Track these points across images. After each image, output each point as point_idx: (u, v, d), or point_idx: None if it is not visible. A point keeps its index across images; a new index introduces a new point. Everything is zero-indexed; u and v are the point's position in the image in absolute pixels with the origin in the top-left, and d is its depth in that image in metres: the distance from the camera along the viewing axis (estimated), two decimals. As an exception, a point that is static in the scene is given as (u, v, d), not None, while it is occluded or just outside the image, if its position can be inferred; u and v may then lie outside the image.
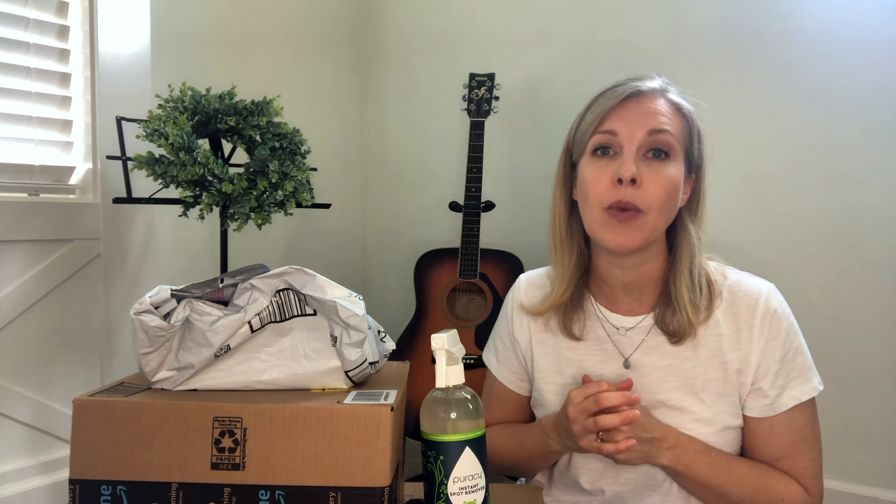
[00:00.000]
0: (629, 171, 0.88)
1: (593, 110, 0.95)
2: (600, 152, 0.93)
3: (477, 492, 0.70)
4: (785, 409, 0.92)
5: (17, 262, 1.33)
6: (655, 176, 0.89)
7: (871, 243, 1.47)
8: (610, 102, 0.92)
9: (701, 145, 0.97)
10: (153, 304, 0.74)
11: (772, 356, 0.92)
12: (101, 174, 1.44)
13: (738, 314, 0.94)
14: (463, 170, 1.76)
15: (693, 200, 0.98)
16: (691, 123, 0.95)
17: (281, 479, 0.68)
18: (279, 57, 1.93)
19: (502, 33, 1.99)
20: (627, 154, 0.90)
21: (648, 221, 0.90)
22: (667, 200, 0.90)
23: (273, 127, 1.30)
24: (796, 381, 0.92)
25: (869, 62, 1.46)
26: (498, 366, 1.11)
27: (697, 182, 0.98)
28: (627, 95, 0.92)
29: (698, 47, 1.65)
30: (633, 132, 0.90)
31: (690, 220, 0.97)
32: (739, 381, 0.93)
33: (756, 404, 0.93)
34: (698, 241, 0.96)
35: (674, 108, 0.94)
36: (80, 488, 0.70)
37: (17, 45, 1.35)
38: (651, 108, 0.91)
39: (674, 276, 0.95)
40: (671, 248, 0.98)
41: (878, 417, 1.46)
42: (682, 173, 0.93)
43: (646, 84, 0.94)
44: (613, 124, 0.92)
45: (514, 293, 1.11)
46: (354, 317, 0.75)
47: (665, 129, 0.91)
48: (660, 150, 0.91)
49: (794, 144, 1.55)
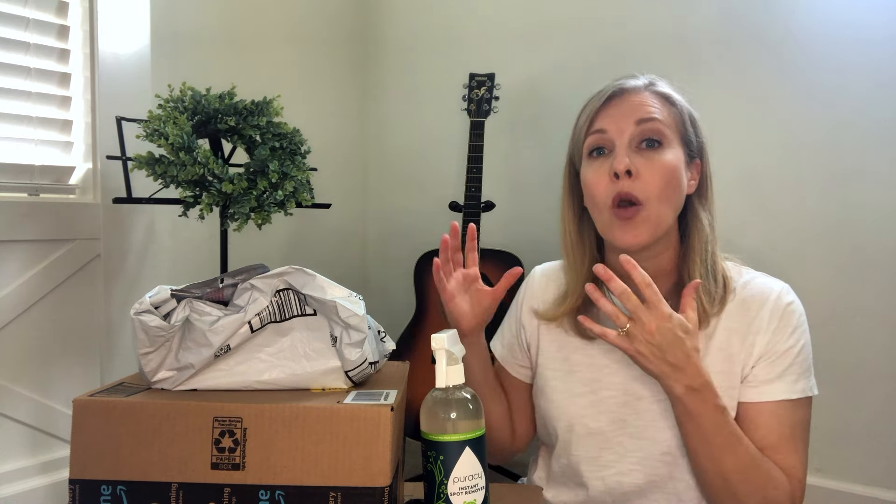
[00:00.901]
0: (622, 163, 0.89)
1: (582, 116, 0.97)
2: (595, 153, 0.95)
3: (477, 492, 0.70)
4: (773, 398, 0.91)
5: (17, 262, 1.33)
6: (650, 165, 0.90)
7: (871, 243, 1.47)
8: (596, 104, 0.95)
9: (697, 129, 0.97)
10: (153, 304, 0.74)
11: (774, 346, 0.92)
12: (101, 174, 1.44)
13: (748, 310, 0.94)
14: (463, 170, 1.76)
15: (702, 185, 0.98)
16: (682, 109, 0.96)
17: (281, 479, 0.68)
18: (279, 57, 1.93)
19: (502, 33, 1.99)
20: (620, 148, 0.92)
21: (651, 213, 0.90)
22: (665, 188, 0.90)
23: (273, 127, 1.30)
24: (791, 377, 0.92)
25: (869, 61, 1.46)
26: (501, 350, 1.12)
27: (703, 167, 0.98)
28: (611, 94, 0.94)
29: (698, 46, 1.65)
30: (622, 126, 0.92)
31: (701, 206, 0.97)
32: (741, 373, 0.93)
33: (745, 388, 0.93)
34: (710, 228, 0.96)
35: (661, 98, 0.95)
36: (80, 488, 0.70)
37: (17, 45, 1.35)
38: (637, 102, 0.93)
39: (686, 265, 0.95)
40: (683, 237, 0.98)
41: (878, 417, 1.46)
42: (680, 159, 0.93)
43: (629, 82, 0.96)
44: (602, 123, 0.94)
45: (528, 284, 1.12)
46: (354, 317, 0.75)
47: (653, 116, 0.92)
48: (651, 139, 0.92)
49: (793, 143, 1.55)
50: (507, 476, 1.74)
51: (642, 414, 0.95)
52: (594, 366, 0.99)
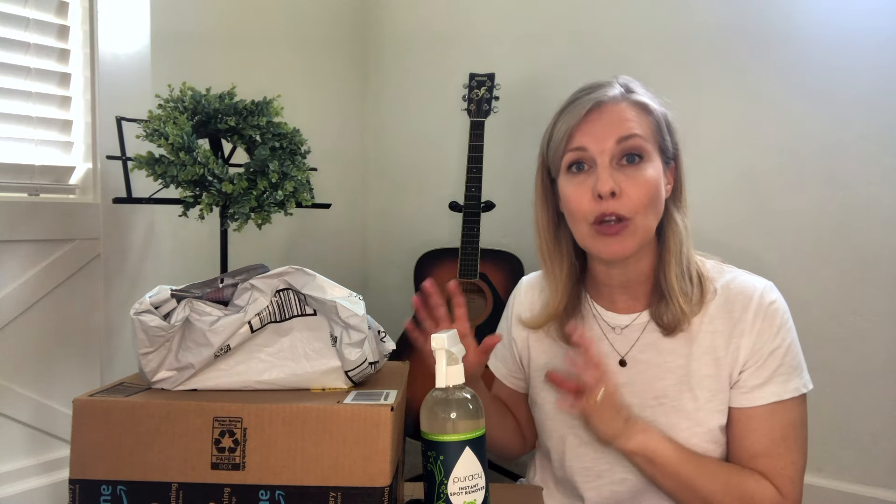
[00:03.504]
0: (606, 185, 0.88)
1: (560, 127, 0.94)
2: (575, 168, 0.93)
3: (477, 492, 0.70)
4: (764, 402, 0.91)
5: (17, 262, 1.33)
6: (633, 182, 0.89)
7: (870, 243, 1.47)
8: (573, 120, 0.92)
9: (673, 136, 0.96)
10: (153, 304, 0.74)
11: (760, 349, 0.91)
12: (101, 174, 1.44)
13: (732, 310, 0.94)
14: (463, 170, 1.76)
15: (676, 189, 0.98)
16: (659, 118, 0.94)
17: (281, 479, 0.68)
18: (279, 57, 1.93)
19: (502, 33, 1.99)
20: (602, 168, 0.90)
21: (637, 226, 0.90)
22: (649, 202, 0.90)
23: (273, 127, 1.30)
24: (780, 378, 0.91)
25: (868, 63, 1.46)
26: (495, 361, 1.14)
27: (677, 170, 0.98)
28: (589, 109, 0.91)
29: (697, 47, 1.66)
30: (602, 144, 0.90)
31: (676, 209, 0.97)
32: (730, 377, 0.93)
33: (735, 393, 0.93)
34: (685, 229, 0.96)
35: (639, 109, 0.93)
36: (80, 488, 0.70)
37: (17, 45, 1.35)
38: (615, 116, 0.91)
39: (663, 267, 0.95)
40: (659, 239, 0.98)
41: (878, 417, 1.46)
42: (659, 170, 0.92)
43: (606, 93, 0.93)
44: (581, 140, 0.91)
45: (515, 297, 1.13)
46: (354, 317, 0.75)
47: (633, 133, 0.90)
48: (633, 154, 0.90)
49: (793, 144, 1.55)
50: (507, 476, 1.74)
51: None
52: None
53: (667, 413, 0.93)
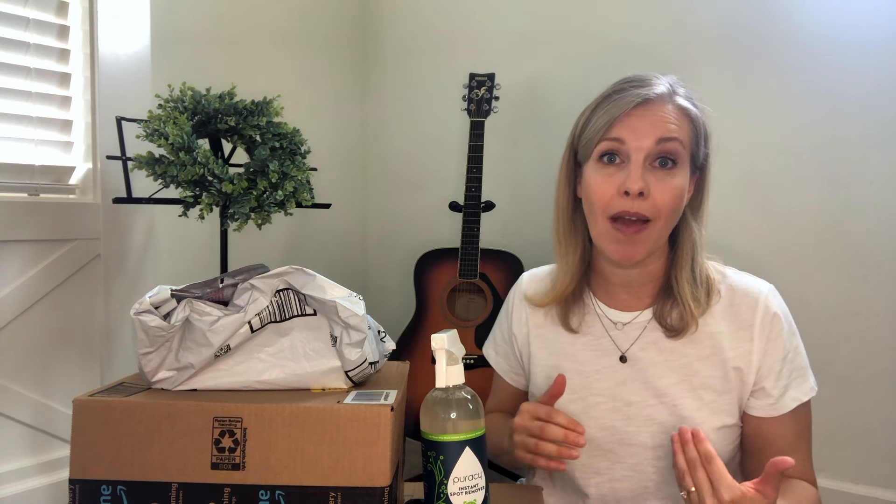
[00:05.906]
0: (637, 184, 0.88)
1: (601, 115, 0.92)
2: (606, 159, 0.92)
3: (477, 492, 0.69)
4: (788, 409, 0.93)
5: (17, 262, 1.33)
6: (663, 186, 0.89)
7: (871, 243, 1.47)
8: (618, 111, 0.91)
9: (707, 147, 0.96)
10: (153, 304, 0.74)
11: (774, 356, 0.92)
12: (101, 174, 1.44)
13: (737, 313, 0.94)
14: (463, 170, 1.76)
15: (696, 198, 0.98)
16: (699, 126, 0.94)
17: (281, 480, 0.68)
18: (279, 57, 1.93)
19: (502, 33, 1.99)
20: (635, 165, 0.89)
21: (655, 231, 0.90)
22: (673, 209, 0.90)
23: (273, 127, 1.30)
24: (797, 382, 0.93)
25: (870, 62, 1.46)
26: (496, 357, 1.14)
27: (701, 181, 0.98)
28: (637, 104, 0.90)
29: (699, 47, 1.65)
30: (642, 142, 0.89)
31: (693, 218, 0.97)
32: (740, 380, 0.93)
33: (760, 404, 0.94)
34: (700, 237, 0.96)
35: (682, 113, 0.92)
36: (80, 488, 0.70)
37: (17, 45, 1.35)
38: (659, 116, 0.90)
39: (676, 272, 0.95)
40: (673, 244, 0.98)
41: (878, 417, 1.46)
42: (686, 179, 0.92)
43: (654, 90, 0.92)
44: (621, 132, 0.90)
45: (516, 288, 1.13)
46: (354, 317, 0.75)
47: (673, 136, 0.90)
48: (667, 158, 0.90)
49: (794, 144, 1.55)
50: (507, 476, 1.74)
51: (632, 420, 0.95)
52: (583, 372, 1.00)
53: (667, 412, 0.94)
